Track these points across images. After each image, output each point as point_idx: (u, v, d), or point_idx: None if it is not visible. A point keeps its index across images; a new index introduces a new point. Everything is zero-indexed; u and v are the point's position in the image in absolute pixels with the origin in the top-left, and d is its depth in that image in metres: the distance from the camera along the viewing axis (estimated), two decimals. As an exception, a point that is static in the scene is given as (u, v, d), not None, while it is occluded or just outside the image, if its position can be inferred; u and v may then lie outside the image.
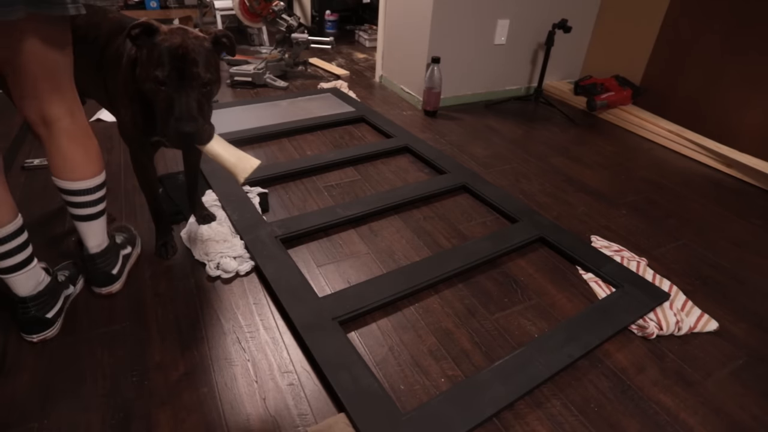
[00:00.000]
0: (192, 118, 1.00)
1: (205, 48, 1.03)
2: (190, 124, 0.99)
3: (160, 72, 0.99)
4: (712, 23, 2.30)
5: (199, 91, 1.02)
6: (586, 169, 2.11)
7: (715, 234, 1.70)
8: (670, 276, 1.47)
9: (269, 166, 1.87)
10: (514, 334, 1.23)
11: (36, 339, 1.11)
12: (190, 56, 1.00)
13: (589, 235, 1.64)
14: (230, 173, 1.14)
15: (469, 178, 1.89)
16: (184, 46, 1.00)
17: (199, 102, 1.02)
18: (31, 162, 1.84)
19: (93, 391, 1.02)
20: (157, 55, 0.99)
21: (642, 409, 1.06)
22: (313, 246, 1.51)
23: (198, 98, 1.02)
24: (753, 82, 2.18)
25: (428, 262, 1.42)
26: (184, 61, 0.99)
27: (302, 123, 2.28)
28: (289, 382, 1.07)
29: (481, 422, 0.99)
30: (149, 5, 3.53)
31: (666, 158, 2.26)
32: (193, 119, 1.00)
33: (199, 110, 1.02)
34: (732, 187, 2.03)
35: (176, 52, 0.99)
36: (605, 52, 2.91)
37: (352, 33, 4.14)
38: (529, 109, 2.74)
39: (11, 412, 0.97)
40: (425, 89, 2.52)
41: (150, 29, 1.01)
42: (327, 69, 3.20)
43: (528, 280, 1.42)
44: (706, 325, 1.28)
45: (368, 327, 1.23)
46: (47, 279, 1.13)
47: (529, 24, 2.71)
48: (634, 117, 2.54)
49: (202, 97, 1.04)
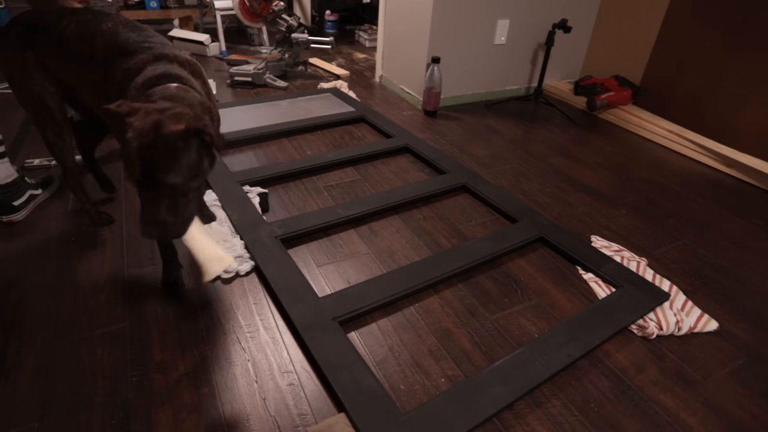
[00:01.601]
0: (157, 223, 0.92)
1: (179, 148, 0.90)
2: (154, 230, 0.93)
3: (134, 172, 0.90)
4: (712, 23, 2.30)
5: (170, 194, 0.92)
6: (586, 169, 2.11)
7: (715, 234, 1.70)
8: (670, 276, 1.47)
9: (269, 166, 1.87)
10: (514, 334, 1.23)
11: (5, 219, 1.49)
12: (160, 162, 0.88)
13: (589, 235, 1.64)
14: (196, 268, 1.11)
15: (469, 178, 1.89)
16: (153, 147, 0.88)
17: (171, 203, 0.93)
18: (31, 162, 1.84)
19: (93, 391, 1.02)
20: (129, 153, 0.89)
21: (642, 409, 1.06)
22: (313, 246, 1.51)
23: (170, 200, 0.93)
24: (753, 82, 2.18)
25: (428, 262, 1.42)
26: (154, 166, 0.88)
27: (302, 123, 2.28)
28: (289, 382, 1.07)
29: (481, 422, 0.99)
30: (149, 5, 3.53)
31: (666, 158, 2.26)
32: (159, 224, 0.93)
33: (169, 211, 0.93)
34: (732, 187, 2.03)
35: (145, 155, 0.88)
36: (605, 52, 2.91)
37: (352, 33, 4.14)
38: (529, 109, 2.74)
39: (11, 412, 0.97)
40: (425, 89, 2.52)
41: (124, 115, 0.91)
42: (327, 69, 3.20)
43: (528, 280, 1.42)
44: (706, 325, 1.28)
45: (368, 327, 1.23)
46: (16, 175, 1.52)
47: (529, 24, 2.71)
48: (634, 117, 2.54)
49: (176, 197, 0.93)
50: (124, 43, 1.14)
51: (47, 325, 1.17)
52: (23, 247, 1.42)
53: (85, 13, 1.24)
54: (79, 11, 1.25)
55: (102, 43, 1.16)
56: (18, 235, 1.47)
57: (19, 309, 1.21)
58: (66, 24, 1.21)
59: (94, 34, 1.18)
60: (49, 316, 1.19)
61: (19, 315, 1.19)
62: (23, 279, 1.31)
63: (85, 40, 1.18)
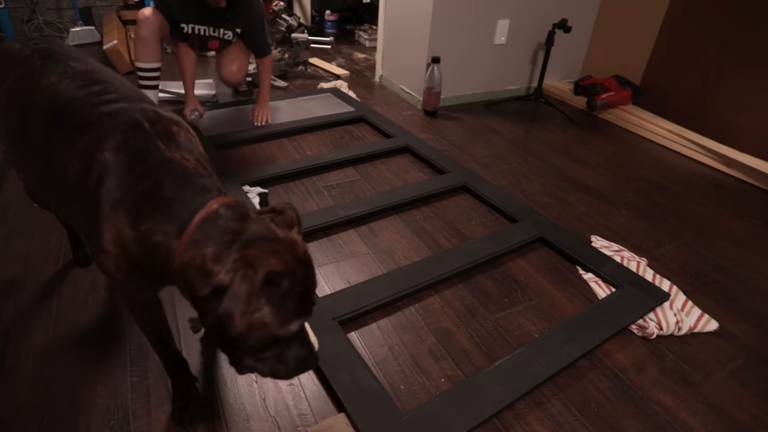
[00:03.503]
0: (314, 354, 0.73)
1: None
2: (314, 362, 0.73)
3: (286, 312, 0.65)
4: (712, 23, 2.30)
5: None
6: (586, 169, 2.11)
7: (715, 234, 1.70)
8: (670, 276, 1.47)
9: (269, 166, 1.87)
10: (514, 334, 1.23)
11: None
12: (314, 281, 0.71)
13: (589, 235, 1.64)
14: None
15: (469, 178, 1.89)
16: (309, 270, 0.69)
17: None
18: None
19: (93, 391, 1.02)
20: (283, 292, 0.64)
21: (642, 409, 1.06)
22: (313, 246, 1.51)
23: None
24: (753, 82, 2.18)
25: (428, 262, 1.42)
26: (313, 288, 0.70)
27: (302, 123, 2.28)
28: (289, 382, 1.07)
29: (481, 422, 0.99)
30: (149, 5, 3.53)
31: (666, 158, 2.26)
32: (315, 354, 0.73)
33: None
34: (732, 187, 2.03)
35: (311, 284, 0.69)
36: (605, 52, 2.91)
37: (352, 33, 4.14)
38: (529, 109, 2.74)
39: (11, 412, 0.97)
40: (425, 89, 2.52)
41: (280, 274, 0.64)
42: (327, 69, 3.20)
43: (528, 280, 1.42)
44: (706, 325, 1.28)
45: (368, 327, 1.23)
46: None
47: (529, 24, 2.71)
48: (634, 117, 2.54)
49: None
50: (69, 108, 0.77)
51: (47, 325, 1.17)
52: (23, 247, 1.42)
53: (32, 58, 0.88)
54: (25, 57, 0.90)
55: (39, 109, 0.79)
56: (18, 235, 1.47)
57: (19, 309, 1.21)
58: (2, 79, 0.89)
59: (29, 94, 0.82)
60: (49, 316, 1.19)
61: (19, 315, 1.19)
62: (23, 279, 1.31)
63: (17, 108, 0.83)
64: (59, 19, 3.50)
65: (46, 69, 0.85)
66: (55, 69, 0.85)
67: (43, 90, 0.81)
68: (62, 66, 0.86)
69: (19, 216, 1.55)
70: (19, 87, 0.85)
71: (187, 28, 1.99)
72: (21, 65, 0.88)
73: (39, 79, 0.83)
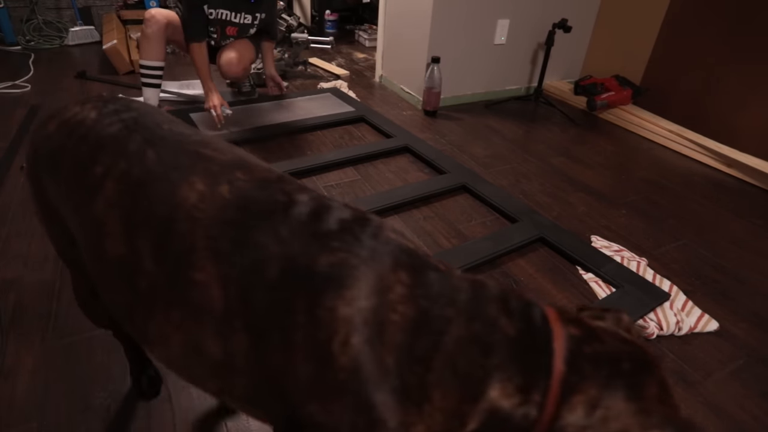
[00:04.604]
0: None
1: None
2: None
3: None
4: (712, 23, 2.30)
5: None
6: (586, 169, 2.11)
7: (715, 234, 1.70)
8: (670, 276, 1.47)
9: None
10: (515, 334, 1.23)
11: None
12: None
13: (589, 235, 1.64)
14: None
15: (469, 178, 1.89)
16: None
17: None
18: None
19: (93, 391, 1.02)
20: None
21: (642, 409, 1.06)
22: (313, 246, 1.51)
23: None
24: (753, 82, 2.18)
25: (428, 262, 1.41)
26: None
27: (302, 123, 2.28)
28: None
29: (482, 422, 0.99)
30: (149, 5, 3.53)
31: (666, 158, 2.26)
32: None
33: None
34: (732, 187, 2.03)
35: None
36: (605, 52, 2.91)
37: (352, 33, 4.14)
38: (529, 109, 2.74)
39: (11, 412, 0.97)
40: (425, 89, 2.52)
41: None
42: (327, 69, 3.20)
43: (528, 280, 1.42)
44: (706, 325, 1.28)
45: (368, 327, 1.23)
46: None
47: (529, 24, 2.71)
48: (634, 117, 2.54)
49: None
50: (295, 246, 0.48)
51: (47, 325, 1.17)
52: (23, 247, 1.42)
53: (131, 142, 0.55)
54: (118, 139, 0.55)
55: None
56: (18, 235, 1.47)
57: (19, 309, 1.21)
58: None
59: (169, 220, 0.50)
60: (49, 316, 1.19)
61: (19, 315, 1.19)
62: (23, 279, 1.31)
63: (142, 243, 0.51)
64: (59, 18, 3.50)
65: (174, 166, 0.51)
66: (193, 166, 0.52)
67: (207, 210, 0.48)
68: (199, 159, 0.53)
69: (19, 216, 1.55)
70: (133, 202, 0.51)
71: (214, 13, 2.08)
72: (120, 156, 0.54)
73: (176, 189, 0.50)
